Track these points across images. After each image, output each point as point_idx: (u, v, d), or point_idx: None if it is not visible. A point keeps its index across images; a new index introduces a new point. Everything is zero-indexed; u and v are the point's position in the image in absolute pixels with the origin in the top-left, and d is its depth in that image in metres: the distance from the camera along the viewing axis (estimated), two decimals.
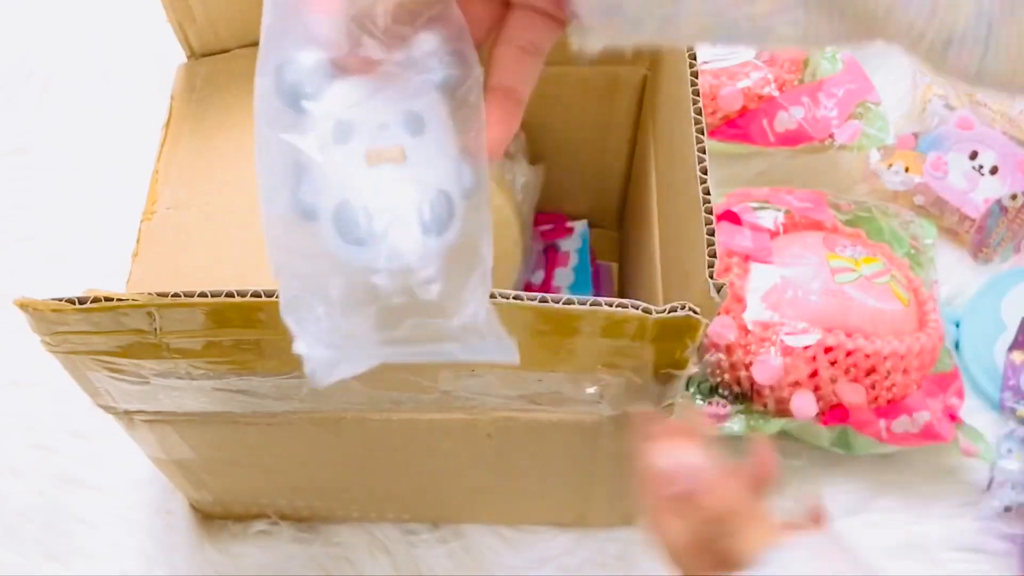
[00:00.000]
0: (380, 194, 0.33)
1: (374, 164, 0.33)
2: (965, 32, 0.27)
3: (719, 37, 0.32)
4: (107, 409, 0.52)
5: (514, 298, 0.41)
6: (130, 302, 0.42)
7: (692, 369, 0.49)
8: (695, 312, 0.41)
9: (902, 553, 0.65)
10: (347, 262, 0.33)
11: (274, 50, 0.33)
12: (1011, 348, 0.70)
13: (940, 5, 0.27)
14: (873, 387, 0.65)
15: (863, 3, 0.29)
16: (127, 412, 0.52)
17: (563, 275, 0.72)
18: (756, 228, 0.69)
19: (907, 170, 0.78)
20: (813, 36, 0.31)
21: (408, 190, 0.33)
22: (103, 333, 0.44)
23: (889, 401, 0.65)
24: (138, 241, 0.54)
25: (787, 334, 0.64)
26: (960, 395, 0.67)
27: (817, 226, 0.71)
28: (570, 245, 0.74)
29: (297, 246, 0.34)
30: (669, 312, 0.41)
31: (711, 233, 0.42)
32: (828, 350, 0.64)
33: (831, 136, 0.77)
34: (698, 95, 0.46)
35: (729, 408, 0.66)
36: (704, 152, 0.44)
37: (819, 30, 0.31)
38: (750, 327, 0.65)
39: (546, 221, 0.75)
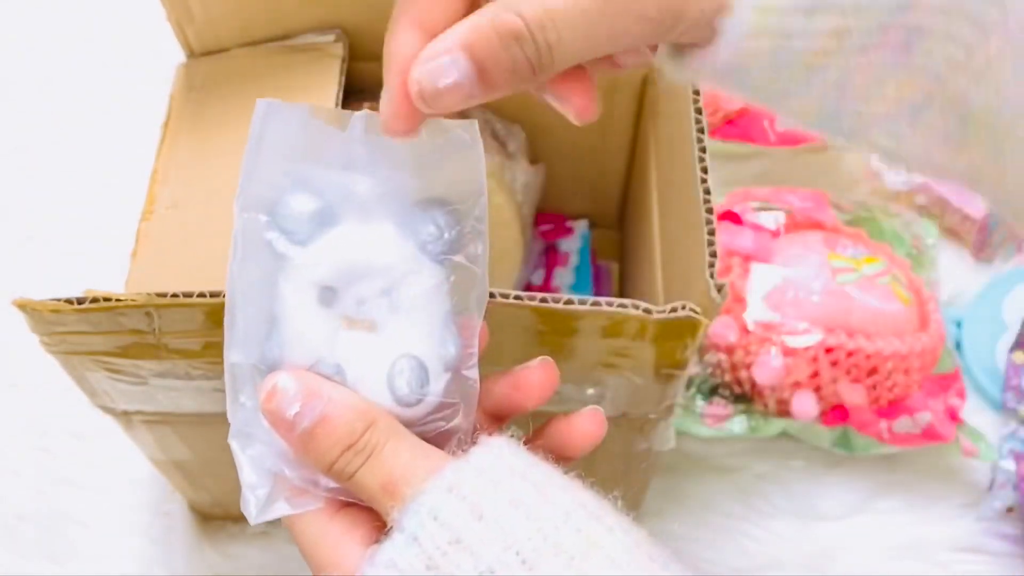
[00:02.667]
0: (353, 357, 0.34)
1: (348, 329, 0.34)
2: None
3: (816, 123, 0.33)
4: (105, 409, 0.52)
5: (514, 298, 0.41)
6: (128, 302, 0.42)
7: (692, 369, 0.49)
8: (696, 312, 0.41)
9: (903, 553, 0.65)
10: None
11: (264, 181, 0.34)
12: (1013, 348, 0.70)
13: None
14: (874, 387, 0.65)
15: (986, 112, 0.31)
16: (126, 412, 0.52)
17: (563, 275, 0.72)
18: (757, 228, 0.69)
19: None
20: (905, 155, 0.32)
21: (380, 357, 0.34)
22: (101, 333, 0.44)
23: (890, 401, 0.65)
24: (137, 241, 0.54)
25: (788, 334, 0.64)
26: (962, 395, 0.67)
27: (818, 226, 0.71)
28: (570, 245, 0.74)
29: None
30: (670, 312, 0.41)
31: (712, 233, 0.42)
32: (829, 350, 0.63)
33: None
34: (699, 94, 0.46)
35: (730, 408, 0.66)
36: (705, 152, 0.44)
37: (912, 150, 0.32)
38: (751, 327, 0.65)
39: (546, 221, 0.75)
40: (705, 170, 0.44)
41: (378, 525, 0.34)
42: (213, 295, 0.42)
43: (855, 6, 0.30)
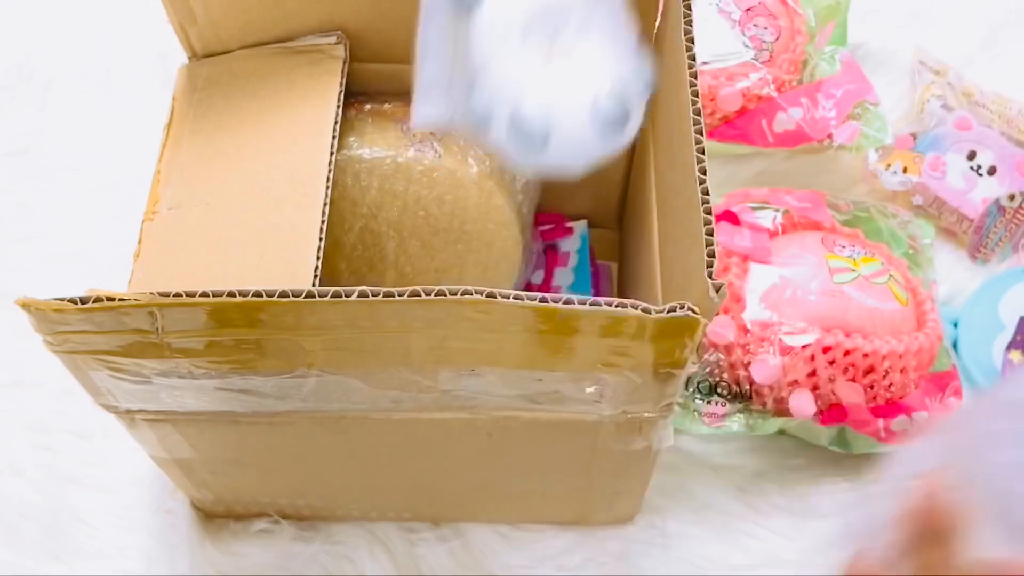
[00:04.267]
0: (555, 97, 0.32)
1: (549, 64, 0.33)
2: None
3: None
4: (108, 408, 0.52)
5: (514, 298, 0.42)
6: (132, 302, 0.42)
7: (691, 368, 0.49)
8: (694, 312, 0.42)
9: None
10: (520, 162, 0.33)
11: None
12: (1009, 348, 0.71)
13: None
14: (871, 386, 0.65)
15: None
16: (128, 411, 0.52)
17: (563, 275, 0.73)
18: (755, 228, 0.69)
19: (905, 170, 0.78)
20: None
21: (582, 90, 0.33)
22: (105, 333, 0.44)
23: (887, 400, 0.66)
24: (140, 241, 0.54)
25: (786, 334, 0.64)
26: (958, 394, 0.67)
27: (816, 226, 0.71)
28: (570, 245, 0.74)
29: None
30: (668, 312, 0.42)
31: (710, 233, 0.42)
32: (827, 350, 0.64)
33: (830, 136, 0.77)
34: (697, 96, 0.46)
35: (728, 407, 0.66)
36: (703, 152, 0.44)
37: None
38: (749, 327, 0.65)
39: (546, 221, 0.75)
40: (703, 171, 0.44)
41: None
42: (216, 295, 0.42)
43: None
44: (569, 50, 0.33)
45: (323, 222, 0.53)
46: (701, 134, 0.45)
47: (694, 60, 0.48)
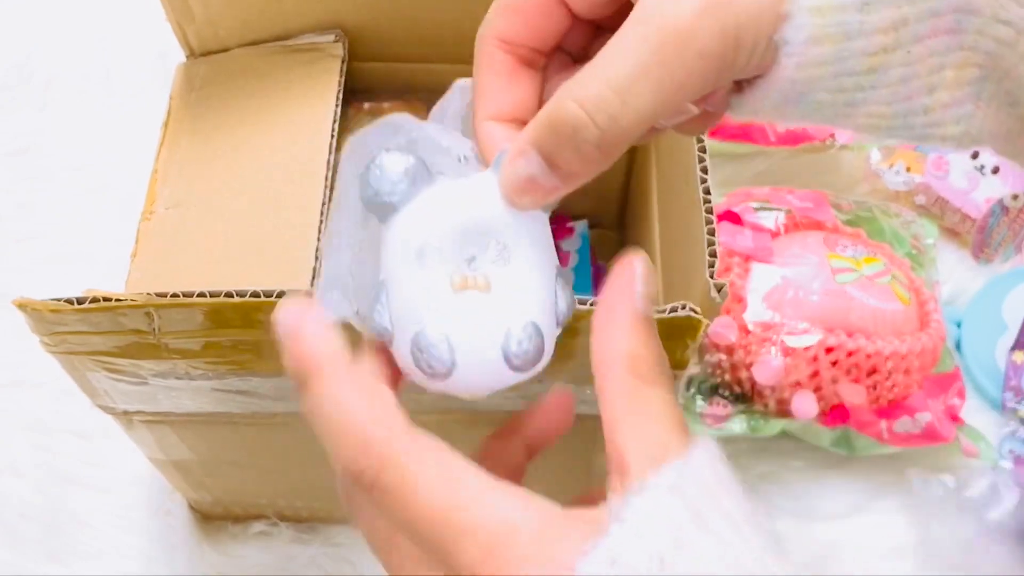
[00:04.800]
0: (463, 328, 0.31)
1: (459, 291, 0.32)
2: None
3: (886, 130, 0.32)
4: (106, 409, 0.52)
5: None
6: (129, 302, 0.42)
7: (692, 369, 0.49)
8: (695, 312, 0.41)
9: (903, 554, 0.65)
10: (422, 386, 0.32)
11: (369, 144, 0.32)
12: (1012, 348, 0.70)
13: None
14: (874, 387, 0.65)
15: None
16: (126, 412, 0.52)
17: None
18: (757, 228, 0.69)
19: (908, 170, 0.78)
20: (976, 133, 0.32)
21: (493, 323, 0.32)
22: (102, 333, 0.44)
23: (890, 401, 0.65)
24: (137, 241, 0.54)
25: (788, 334, 0.64)
26: (961, 395, 0.67)
27: (818, 226, 0.71)
28: (570, 245, 0.74)
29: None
30: (669, 312, 0.41)
31: (712, 233, 0.42)
32: (829, 350, 0.63)
33: (832, 136, 0.77)
34: None
35: (730, 408, 0.66)
36: (704, 152, 0.44)
37: (983, 125, 0.32)
38: (751, 327, 0.65)
39: None
40: (705, 170, 0.44)
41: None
42: (213, 295, 0.42)
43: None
44: (485, 279, 0.32)
45: (322, 222, 0.53)
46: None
47: None
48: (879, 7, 0.30)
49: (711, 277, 0.41)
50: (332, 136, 0.56)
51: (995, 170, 0.77)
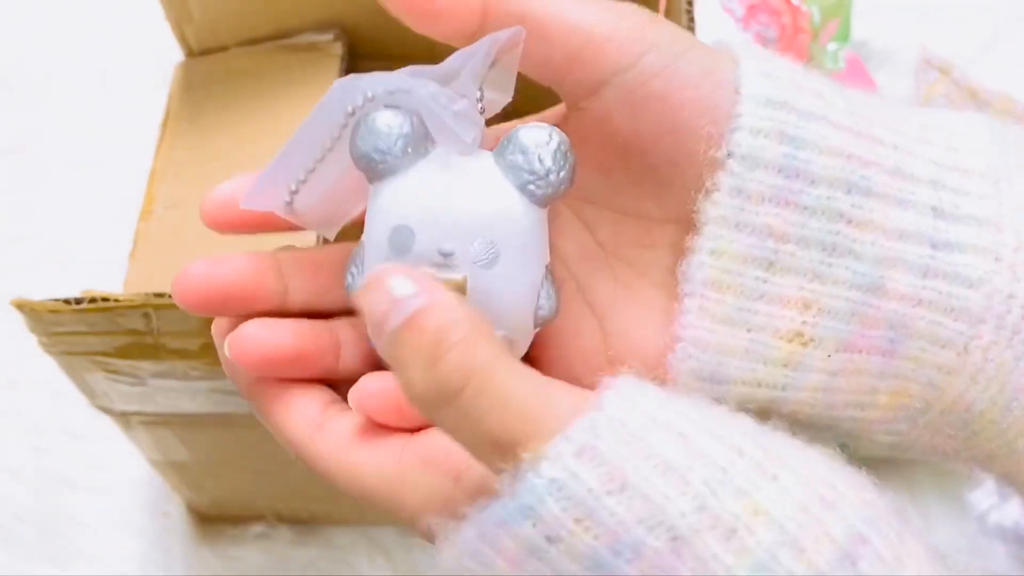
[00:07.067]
0: None
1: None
2: None
3: (815, 425, 0.31)
4: (104, 410, 0.52)
5: None
6: (127, 302, 0.42)
7: None
8: None
9: None
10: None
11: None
12: None
13: None
14: None
15: (992, 408, 0.29)
16: (124, 413, 0.52)
17: None
18: None
19: None
20: (911, 445, 0.31)
21: None
22: (100, 334, 0.44)
23: None
24: (135, 241, 0.54)
25: None
26: None
27: None
28: None
29: None
30: None
31: None
32: None
33: None
34: None
35: None
36: None
37: (919, 443, 0.31)
38: None
39: None
40: None
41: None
42: None
43: (814, 272, 0.28)
44: (463, 279, 0.29)
45: None
46: None
47: None
48: (785, 274, 0.28)
49: None
50: None
51: None
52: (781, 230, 0.28)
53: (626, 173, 0.30)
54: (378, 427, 0.29)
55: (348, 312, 0.31)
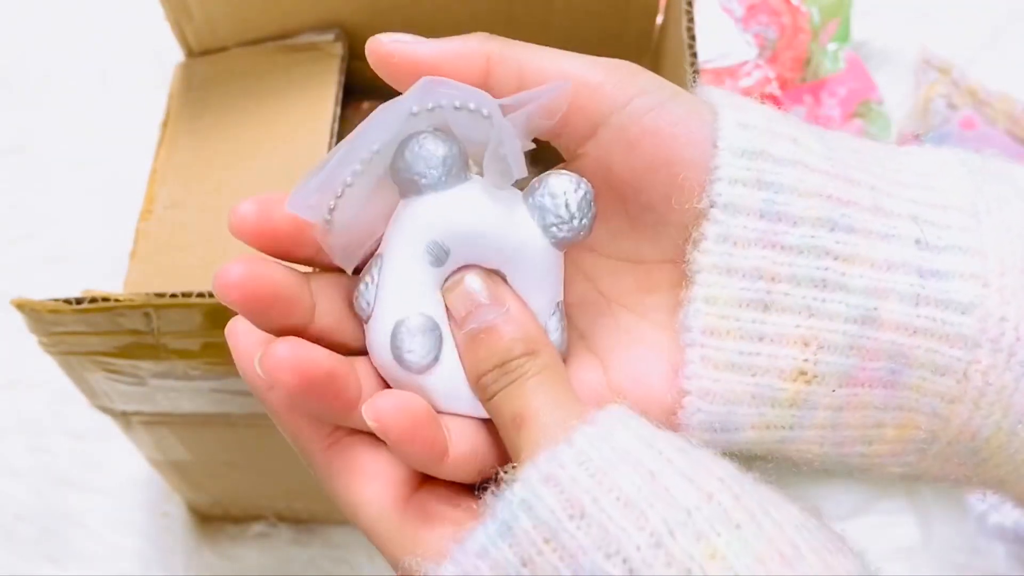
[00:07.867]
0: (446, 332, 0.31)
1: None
2: None
3: (825, 465, 0.31)
4: (104, 410, 0.52)
5: None
6: (127, 302, 0.42)
7: None
8: None
9: (905, 554, 0.65)
10: (394, 379, 0.30)
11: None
12: None
13: None
14: None
15: (998, 433, 0.29)
16: (124, 413, 0.52)
17: None
18: None
19: None
20: (923, 473, 0.31)
21: None
22: (100, 334, 0.44)
23: None
24: (136, 241, 0.54)
25: None
26: None
27: None
28: None
29: None
30: None
31: None
32: None
33: None
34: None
35: None
36: None
37: (929, 471, 0.31)
38: None
39: None
40: None
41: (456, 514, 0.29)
42: (212, 295, 0.41)
43: (809, 309, 0.29)
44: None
45: None
46: None
47: (695, 58, 0.47)
48: (781, 313, 0.29)
49: None
50: (331, 136, 0.56)
51: None
52: (771, 271, 0.29)
53: (624, 217, 0.31)
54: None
55: (360, 351, 0.31)
